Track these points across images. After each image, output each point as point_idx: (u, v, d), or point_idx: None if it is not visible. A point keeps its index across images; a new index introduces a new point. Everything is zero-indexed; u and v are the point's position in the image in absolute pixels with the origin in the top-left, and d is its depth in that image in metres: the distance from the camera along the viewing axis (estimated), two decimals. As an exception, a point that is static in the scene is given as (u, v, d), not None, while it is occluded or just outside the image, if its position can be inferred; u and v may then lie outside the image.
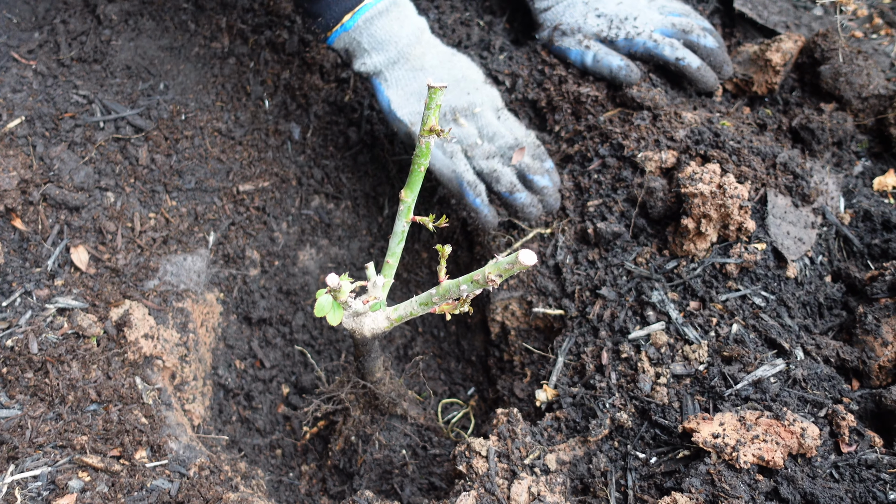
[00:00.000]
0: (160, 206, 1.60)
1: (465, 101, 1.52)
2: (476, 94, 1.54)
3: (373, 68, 1.53)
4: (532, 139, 1.55)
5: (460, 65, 1.57)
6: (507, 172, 1.48)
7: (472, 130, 1.52)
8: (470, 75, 1.57)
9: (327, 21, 1.48)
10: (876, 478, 1.10)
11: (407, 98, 1.53)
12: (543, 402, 1.40)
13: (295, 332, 1.78)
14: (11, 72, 1.60)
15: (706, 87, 1.63)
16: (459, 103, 1.52)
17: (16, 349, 1.28)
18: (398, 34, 1.50)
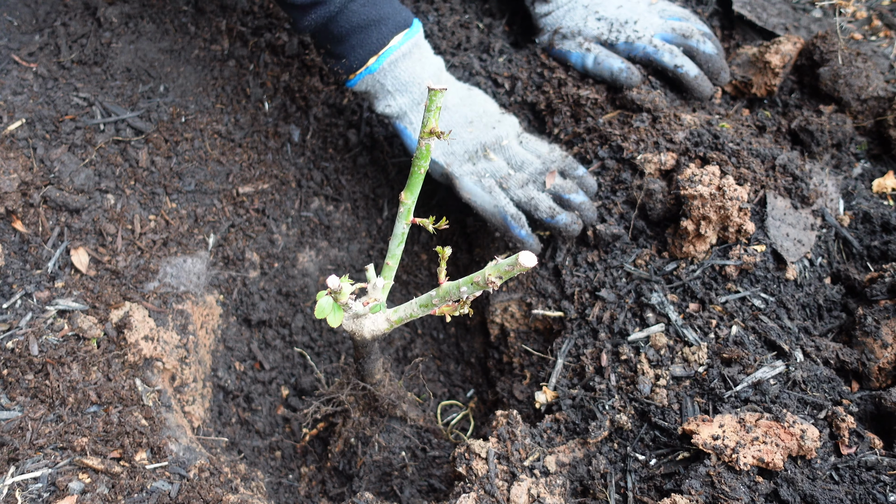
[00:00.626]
0: (160, 208, 1.60)
1: (492, 135, 1.55)
2: (500, 126, 1.57)
3: (398, 110, 1.55)
4: (558, 154, 1.56)
5: (479, 100, 1.60)
6: (543, 198, 1.49)
7: (502, 163, 1.54)
8: (489, 109, 1.60)
9: (350, 63, 1.50)
10: (876, 479, 1.10)
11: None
12: (543, 404, 1.40)
13: (294, 334, 1.78)
14: (12, 74, 1.61)
15: (701, 96, 1.63)
16: (488, 139, 1.54)
17: (16, 351, 1.28)
18: (421, 76, 1.52)
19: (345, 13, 1.44)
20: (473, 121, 1.56)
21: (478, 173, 1.53)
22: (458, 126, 1.55)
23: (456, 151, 1.54)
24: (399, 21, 1.48)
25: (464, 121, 1.55)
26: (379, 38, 1.47)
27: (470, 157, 1.54)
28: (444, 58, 1.82)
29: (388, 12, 1.47)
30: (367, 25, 1.46)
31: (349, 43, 1.48)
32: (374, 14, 1.45)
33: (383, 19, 1.46)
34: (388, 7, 1.47)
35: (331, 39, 1.49)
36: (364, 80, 1.52)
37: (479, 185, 1.51)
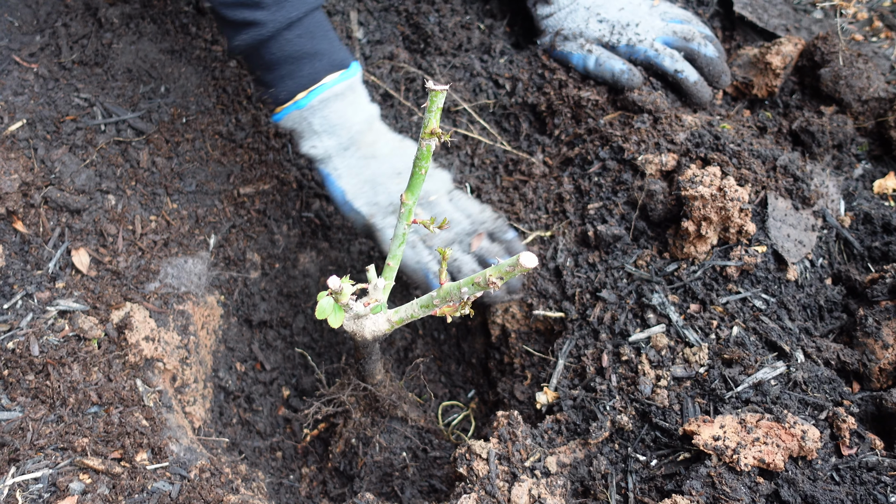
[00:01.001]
0: (161, 208, 1.60)
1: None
2: (429, 181, 1.47)
3: (323, 152, 1.46)
4: (488, 215, 1.50)
5: (410, 151, 1.50)
6: (468, 261, 1.44)
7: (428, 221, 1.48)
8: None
9: (278, 94, 1.42)
10: (877, 480, 1.10)
11: (361, 188, 1.46)
12: (544, 405, 1.40)
13: (295, 335, 1.78)
14: (13, 75, 1.61)
15: (700, 102, 1.64)
16: None
17: (17, 351, 1.28)
18: (352, 119, 1.44)
19: (278, 40, 1.36)
20: (402, 172, 1.47)
21: (415, 235, 1.45)
22: (384, 177, 1.46)
23: (380, 202, 1.45)
24: (335, 60, 1.42)
25: (392, 171, 1.47)
26: (312, 73, 1.39)
27: (395, 210, 1.44)
28: (445, 58, 1.82)
29: (325, 48, 1.40)
30: (300, 58, 1.38)
31: (279, 72, 1.40)
32: (309, 47, 1.38)
33: (319, 54, 1.39)
34: (325, 43, 1.40)
35: (261, 66, 1.41)
36: (291, 115, 1.43)
37: (414, 249, 1.45)
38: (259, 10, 1.34)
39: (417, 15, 1.86)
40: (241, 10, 1.34)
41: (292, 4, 1.36)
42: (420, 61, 1.83)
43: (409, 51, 1.87)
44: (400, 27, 1.89)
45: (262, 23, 1.34)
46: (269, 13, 1.34)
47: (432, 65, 1.81)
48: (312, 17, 1.39)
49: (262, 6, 1.34)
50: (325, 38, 1.41)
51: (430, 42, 1.83)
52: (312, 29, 1.39)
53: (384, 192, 1.45)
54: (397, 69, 1.82)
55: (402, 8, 1.89)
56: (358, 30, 1.87)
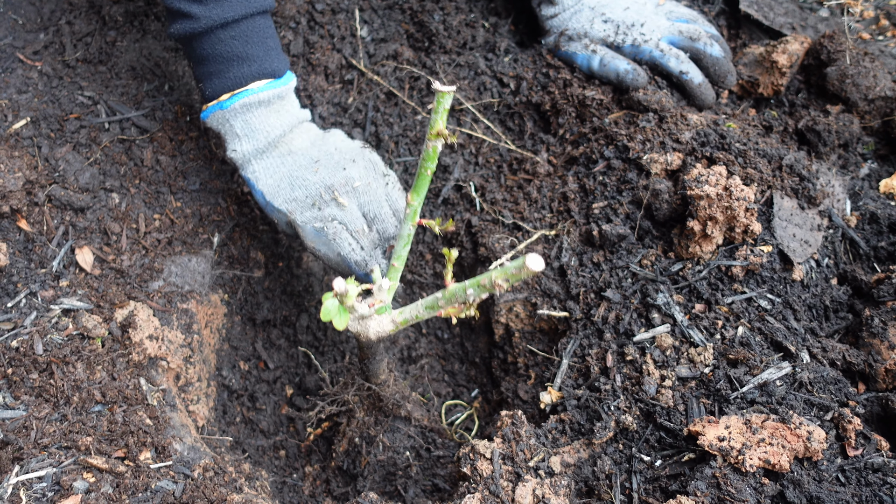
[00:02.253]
0: (165, 207, 1.60)
1: (342, 176, 1.40)
2: (353, 167, 1.42)
3: (241, 156, 1.45)
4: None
5: (332, 139, 1.48)
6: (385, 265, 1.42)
7: (355, 211, 1.41)
8: (343, 146, 1.47)
9: (204, 90, 1.42)
10: (882, 481, 1.10)
11: (278, 185, 1.44)
12: (548, 405, 1.40)
13: (299, 334, 1.78)
14: (17, 73, 1.61)
15: (703, 104, 1.63)
16: (335, 180, 1.40)
17: (21, 350, 1.28)
18: (273, 125, 1.44)
19: (210, 37, 1.36)
20: (320, 160, 1.43)
21: (323, 219, 1.40)
22: (301, 169, 1.43)
23: (298, 198, 1.42)
24: (266, 67, 1.41)
25: (309, 162, 1.43)
26: (238, 76, 1.39)
27: (315, 203, 1.41)
28: (449, 57, 1.82)
29: (258, 54, 1.39)
30: (230, 59, 1.38)
31: (208, 69, 1.40)
32: (240, 50, 1.38)
33: (249, 59, 1.39)
34: (259, 49, 1.40)
35: (192, 58, 1.41)
36: (215, 115, 1.43)
37: (321, 234, 1.40)
38: (197, 4, 1.34)
39: (422, 13, 1.85)
40: (180, 0, 1.34)
41: (231, 5, 1.35)
42: (424, 60, 1.82)
43: (414, 49, 1.86)
44: (404, 25, 1.89)
45: (197, 17, 1.34)
46: (205, 9, 1.34)
47: (436, 63, 1.80)
48: (252, 22, 1.38)
49: (201, 1, 1.34)
50: (260, 44, 1.40)
51: (435, 40, 1.83)
52: (249, 33, 1.38)
53: (301, 186, 1.42)
54: (401, 68, 1.82)
55: (406, 6, 1.88)
56: (362, 28, 1.86)
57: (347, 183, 1.41)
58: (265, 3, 1.40)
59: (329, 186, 1.40)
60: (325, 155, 1.44)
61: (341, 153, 1.45)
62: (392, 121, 1.80)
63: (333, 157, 1.44)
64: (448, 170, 1.75)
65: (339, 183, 1.40)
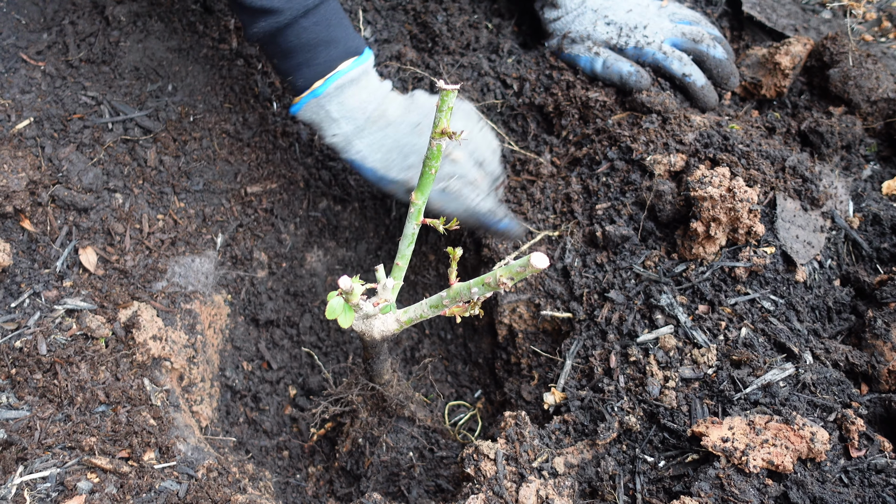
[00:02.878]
0: (168, 207, 1.60)
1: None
2: (454, 119, 1.45)
3: (343, 139, 1.46)
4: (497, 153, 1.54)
5: (421, 100, 1.50)
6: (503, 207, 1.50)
7: (468, 162, 1.46)
8: (435, 103, 1.50)
9: (295, 82, 1.43)
10: (886, 482, 1.10)
11: (389, 157, 1.47)
12: (551, 405, 1.40)
13: (302, 334, 1.78)
14: (20, 73, 1.61)
15: (706, 106, 1.63)
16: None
17: (24, 350, 1.28)
18: (367, 101, 1.45)
19: (294, 28, 1.37)
20: (421, 123, 1.46)
21: (442, 178, 1.44)
22: (407, 136, 1.45)
23: (413, 164, 1.45)
24: (350, 47, 1.42)
25: (411, 128, 1.46)
26: (327, 60, 1.40)
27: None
28: (452, 57, 1.82)
29: (340, 36, 1.41)
30: (316, 45, 1.39)
31: (296, 60, 1.40)
32: (324, 35, 1.39)
33: (334, 41, 1.40)
34: (340, 31, 1.41)
35: (278, 54, 1.42)
36: (309, 105, 1.44)
37: (445, 194, 1.44)
38: None
39: (425, 14, 1.86)
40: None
41: None
42: (428, 60, 1.83)
43: (417, 50, 1.87)
44: (407, 26, 1.89)
45: (279, 10, 1.35)
46: (285, 1, 1.35)
47: (440, 64, 1.81)
48: (328, 5, 1.40)
49: None
50: (339, 25, 1.42)
51: (438, 41, 1.83)
52: (328, 16, 1.40)
53: (413, 152, 1.45)
54: (404, 68, 1.82)
55: (409, 7, 1.89)
56: (365, 28, 1.87)
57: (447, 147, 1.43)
58: None
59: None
60: (424, 116, 1.46)
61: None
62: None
63: (432, 115, 1.44)
64: (451, 171, 1.75)
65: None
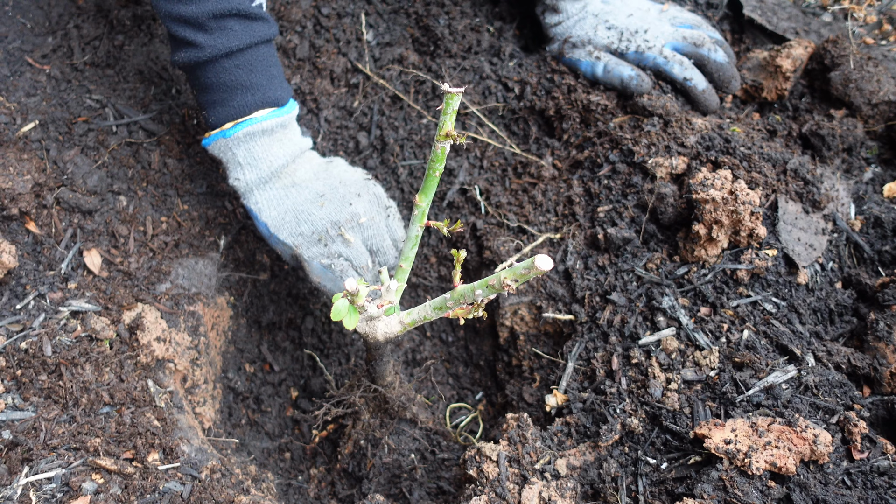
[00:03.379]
0: (172, 210, 1.61)
1: (347, 212, 1.42)
2: (358, 201, 1.44)
3: (244, 185, 1.44)
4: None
5: (336, 171, 1.48)
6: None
7: (360, 247, 1.43)
8: (348, 178, 1.47)
9: (207, 118, 1.42)
10: (888, 485, 1.10)
11: (283, 218, 1.44)
12: (553, 407, 1.40)
13: (304, 336, 1.78)
14: (25, 76, 1.62)
15: (707, 109, 1.64)
16: (342, 216, 1.42)
17: (30, 351, 1.29)
18: (276, 155, 1.43)
19: (214, 66, 1.36)
20: (325, 194, 1.44)
21: (329, 255, 1.41)
22: (306, 203, 1.43)
23: (304, 232, 1.43)
24: (270, 96, 1.41)
25: (314, 196, 1.44)
26: (242, 105, 1.39)
27: (321, 238, 1.42)
28: (454, 61, 1.83)
29: (261, 83, 1.40)
30: (233, 88, 1.38)
31: (211, 97, 1.40)
32: (244, 79, 1.38)
33: (253, 88, 1.39)
34: (263, 78, 1.40)
35: (196, 86, 1.41)
36: (217, 143, 1.42)
37: (328, 271, 1.41)
38: (201, 33, 1.34)
39: (427, 17, 1.86)
40: (185, 29, 1.34)
41: (236, 34, 1.35)
42: (430, 64, 1.83)
43: (419, 53, 1.87)
44: (409, 29, 1.90)
45: (202, 46, 1.34)
46: (210, 38, 1.34)
47: (442, 67, 1.81)
48: (256, 51, 1.39)
49: (206, 30, 1.34)
50: (264, 72, 1.40)
51: (440, 44, 1.83)
52: (253, 62, 1.39)
53: (307, 221, 1.42)
54: (406, 72, 1.83)
55: (411, 10, 1.89)
56: (367, 32, 1.87)
57: (353, 219, 1.42)
58: (268, 32, 1.40)
59: (335, 222, 1.41)
60: (330, 189, 1.44)
61: (346, 186, 1.45)
62: (397, 124, 1.81)
63: (339, 190, 1.44)
64: (453, 173, 1.76)
65: (345, 219, 1.42)
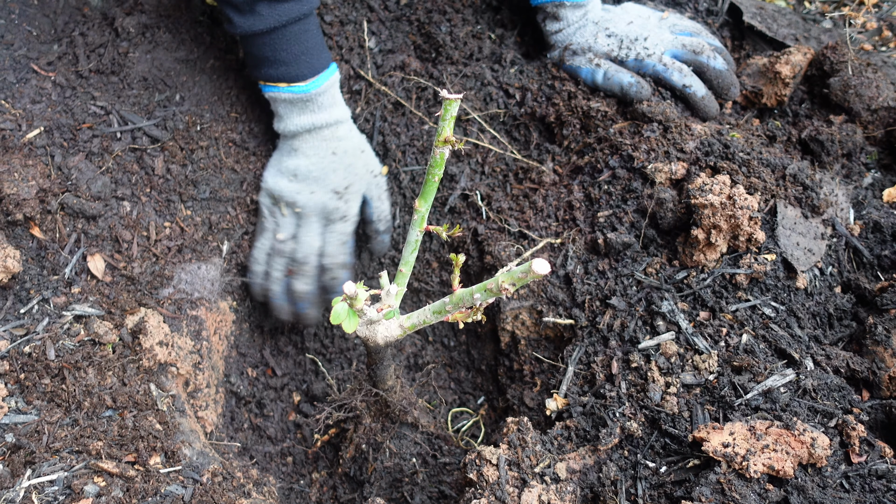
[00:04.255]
0: (175, 215, 1.62)
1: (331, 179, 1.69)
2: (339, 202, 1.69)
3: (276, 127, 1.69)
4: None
5: (346, 160, 1.69)
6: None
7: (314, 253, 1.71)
8: (348, 176, 1.69)
9: (250, 71, 1.63)
10: (886, 488, 1.10)
11: (277, 172, 1.69)
12: (553, 411, 1.41)
13: (306, 341, 1.79)
14: (31, 83, 1.63)
15: (707, 116, 1.65)
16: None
17: (33, 355, 1.30)
18: (296, 123, 1.64)
19: (246, 41, 1.54)
20: (319, 178, 1.67)
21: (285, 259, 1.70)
22: (295, 185, 1.66)
23: (281, 197, 1.68)
24: (291, 72, 1.57)
25: (306, 184, 1.66)
26: (266, 75, 1.58)
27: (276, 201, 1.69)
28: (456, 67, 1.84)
29: (285, 59, 1.55)
30: (261, 59, 1.56)
31: (247, 59, 1.59)
32: (269, 55, 1.55)
33: (277, 63, 1.56)
34: (286, 55, 1.55)
35: (240, 44, 1.60)
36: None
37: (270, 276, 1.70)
38: (237, 14, 1.50)
39: (429, 24, 1.88)
40: (226, 7, 1.50)
41: (262, 19, 1.50)
42: (431, 70, 1.85)
43: (421, 60, 1.89)
44: (411, 36, 1.91)
45: (236, 24, 1.51)
46: (242, 19, 1.51)
47: (443, 74, 1.83)
48: (282, 31, 1.53)
49: (240, 11, 1.50)
50: (287, 51, 1.55)
51: (442, 51, 1.85)
52: (277, 41, 1.54)
53: (293, 194, 1.68)
54: (408, 78, 1.84)
55: (413, 17, 1.91)
56: (370, 39, 1.89)
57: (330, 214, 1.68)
58: (300, 10, 1.52)
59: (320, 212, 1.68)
60: (321, 174, 1.65)
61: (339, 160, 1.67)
62: (399, 130, 1.82)
63: (353, 170, 1.68)
64: (454, 179, 1.77)
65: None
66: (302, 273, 1.67)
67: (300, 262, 1.66)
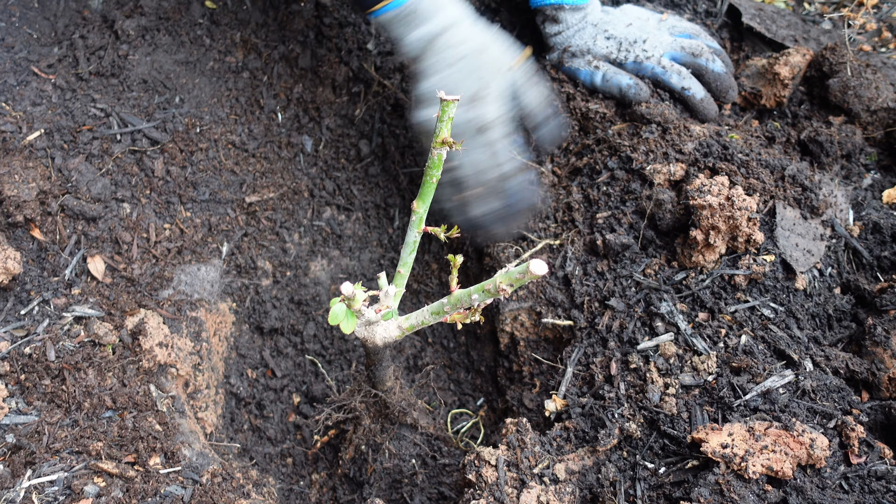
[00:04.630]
0: (175, 216, 1.62)
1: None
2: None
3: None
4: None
5: (466, 64, 1.54)
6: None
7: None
8: (471, 79, 1.56)
9: None
10: (886, 489, 1.10)
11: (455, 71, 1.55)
12: (552, 412, 1.41)
13: (306, 342, 1.79)
14: (31, 85, 1.64)
15: (706, 118, 1.65)
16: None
17: (34, 356, 1.30)
18: (409, 37, 1.54)
19: None
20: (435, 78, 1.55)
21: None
22: (472, 64, 1.52)
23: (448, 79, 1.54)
24: None
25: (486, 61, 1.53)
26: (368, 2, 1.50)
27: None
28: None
29: None
30: None
31: None
32: None
33: None
34: None
35: None
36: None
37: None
38: None
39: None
40: None
41: None
42: (430, 72, 1.84)
43: (420, 62, 1.89)
44: (411, 38, 1.91)
45: None
46: None
47: (443, 75, 1.83)
48: None
49: None
50: None
51: (441, 53, 1.85)
52: None
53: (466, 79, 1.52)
54: (407, 80, 1.84)
55: (412, 19, 1.91)
56: (369, 41, 1.89)
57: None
58: None
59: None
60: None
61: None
62: (398, 132, 1.82)
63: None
64: (454, 180, 1.77)
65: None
66: (470, 196, 1.56)
67: (462, 186, 1.55)
